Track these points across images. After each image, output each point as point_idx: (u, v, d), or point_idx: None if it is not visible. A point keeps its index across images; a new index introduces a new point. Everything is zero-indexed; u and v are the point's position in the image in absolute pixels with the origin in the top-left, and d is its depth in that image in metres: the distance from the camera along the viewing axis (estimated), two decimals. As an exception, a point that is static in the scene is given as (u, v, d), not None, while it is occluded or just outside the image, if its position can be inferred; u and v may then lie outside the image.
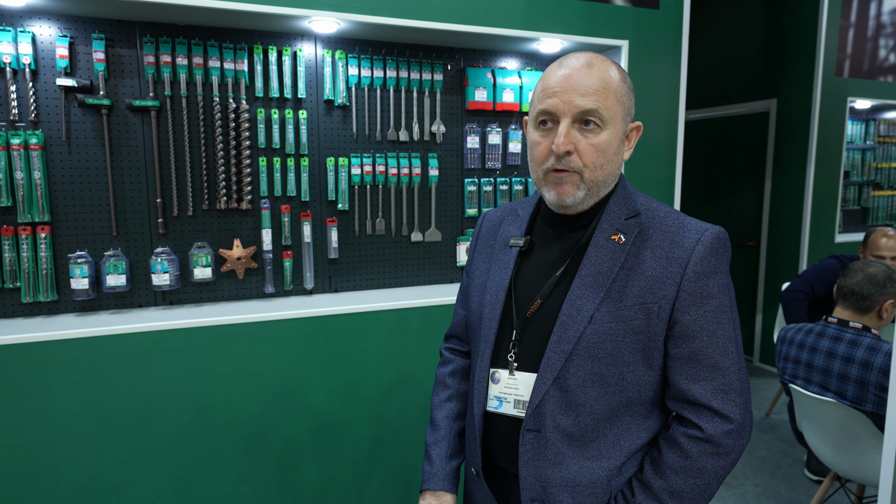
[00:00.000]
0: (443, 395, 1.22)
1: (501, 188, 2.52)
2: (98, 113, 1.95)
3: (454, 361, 1.25)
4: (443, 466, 1.15)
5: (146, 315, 1.98)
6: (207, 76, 2.05)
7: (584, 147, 0.95)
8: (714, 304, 0.93)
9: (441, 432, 1.18)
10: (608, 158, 0.97)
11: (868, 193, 4.50)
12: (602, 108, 0.94)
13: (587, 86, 0.93)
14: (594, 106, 0.93)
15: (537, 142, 0.99)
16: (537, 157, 0.99)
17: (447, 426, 1.18)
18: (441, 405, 1.21)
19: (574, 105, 0.93)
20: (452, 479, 1.16)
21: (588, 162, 0.95)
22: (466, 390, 1.22)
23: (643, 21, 2.45)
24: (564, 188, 0.97)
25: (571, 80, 0.94)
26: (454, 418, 1.19)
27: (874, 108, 4.37)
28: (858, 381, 1.94)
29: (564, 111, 0.94)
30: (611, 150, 0.96)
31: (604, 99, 0.94)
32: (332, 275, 2.33)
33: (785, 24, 4.10)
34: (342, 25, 2.05)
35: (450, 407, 1.20)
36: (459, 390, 1.22)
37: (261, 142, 2.14)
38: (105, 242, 2.01)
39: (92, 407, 1.83)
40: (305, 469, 2.12)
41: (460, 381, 1.22)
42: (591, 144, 0.95)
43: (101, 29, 1.93)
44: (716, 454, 0.93)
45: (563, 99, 0.94)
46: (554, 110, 0.95)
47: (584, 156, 0.95)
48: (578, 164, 0.95)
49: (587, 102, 0.93)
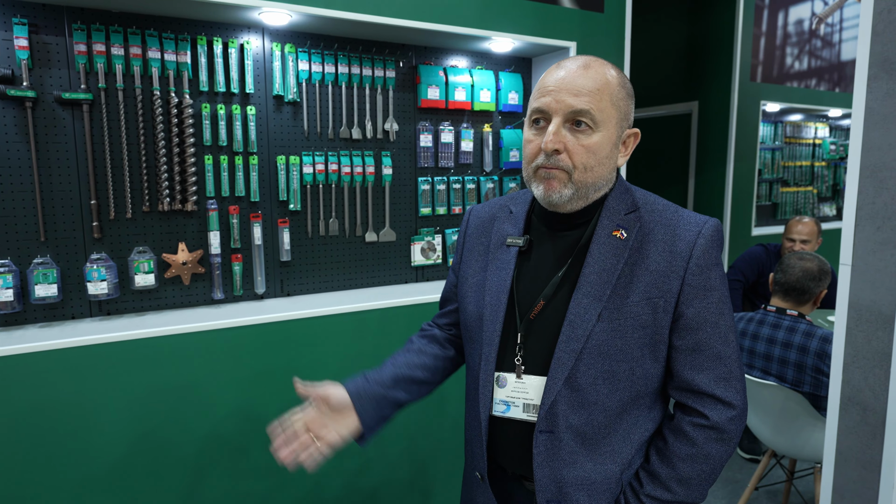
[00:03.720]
0: (403, 348, 1.22)
1: (454, 187, 2.51)
2: (21, 106, 1.76)
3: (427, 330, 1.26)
4: (371, 388, 1.10)
5: (81, 327, 1.81)
6: (146, 68, 1.90)
7: (574, 147, 0.94)
8: (716, 296, 0.97)
9: (386, 366, 1.16)
10: (599, 161, 0.96)
11: (777, 190, 4.87)
12: (594, 110, 0.93)
13: (581, 86, 0.94)
14: (586, 107, 0.93)
15: (529, 140, 0.99)
16: (528, 155, 0.99)
17: (391, 362, 1.17)
18: (395, 354, 1.20)
19: (566, 104, 0.93)
20: (370, 400, 1.09)
21: (577, 162, 0.95)
22: (427, 351, 1.20)
23: (589, 23, 2.51)
24: (551, 184, 0.96)
25: (566, 81, 0.94)
26: (400, 365, 1.16)
27: (782, 111, 4.73)
28: (797, 364, 2.08)
29: (556, 110, 0.94)
30: (602, 152, 0.96)
31: (597, 101, 0.94)
32: (284, 278, 2.23)
33: (705, 31, 4.35)
34: (294, 18, 1.96)
35: (403, 355, 1.19)
36: (419, 348, 1.21)
37: (206, 139, 2.01)
38: (32, 249, 1.82)
39: (20, 431, 1.65)
40: (261, 486, 2.01)
41: (428, 344, 1.22)
42: (582, 145, 0.94)
43: (24, 13, 1.75)
44: (720, 440, 0.96)
45: (555, 98, 0.94)
46: (546, 109, 0.95)
47: (574, 156, 0.95)
48: (567, 164, 0.95)
49: (579, 102, 0.93)
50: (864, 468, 1.49)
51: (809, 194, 5.07)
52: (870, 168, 1.41)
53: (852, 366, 1.49)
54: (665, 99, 4.73)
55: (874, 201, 1.41)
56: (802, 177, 5.02)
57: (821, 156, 5.13)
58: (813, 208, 5.14)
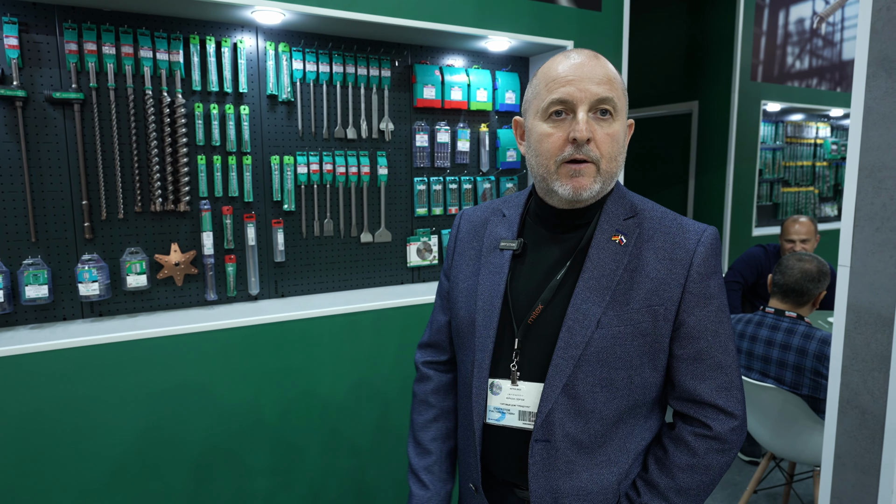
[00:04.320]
0: (427, 414, 1.15)
1: (451, 187, 2.49)
2: (11, 105, 1.74)
3: (434, 379, 1.18)
4: (438, 491, 1.10)
5: (73, 329, 1.80)
6: (138, 67, 1.89)
7: (601, 136, 0.91)
8: (716, 304, 0.94)
9: (433, 456, 1.12)
10: (620, 150, 0.94)
11: (778, 190, 4.84)
12: (615, 98, 0.92)
13: (600, 75, 0.91)
14: (610, 94, 0.91)
15: (548, 133, 0.93)
16: (549, 149, 0.93)
17: (438, 449, 1.13)
18: (427, 426, 1.15)
19: (591, 93, 0.90)
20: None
21: (605, 152, 0.92)
22: (451, 408, 1.16)
23: (587, 22, 2.49)
24: (581, 181, 0.92)
25: (584, 69, 0.91)
26: (443, 439, 1.14)
27: (783, 111, 4.70)
28: (795, 366, 2.06)
29: (581, 99, 0.90)
30: (622, 140, 0.95)
31: (614, 89, 0.92)
32: (278, 279, 2.21)
33: (705, 31, 4.32)
34: (288, 17, 1.94)
35: (437, 427, 1.14)
36: (444, 409, 1.16)
37: (199, 139, 2.00)
38: (22, 250, 1.80)
39: (12, 434, 1.63)
40: (258, 486, 1.99)
41: (444, 399, 1.16)
42: (607, 134, 0.92)
43: (14, 12, 1.73)
44: (721, 450, 0.94)
45: (578, 87, 0.90)
46: (570, 98, 0.90)
47: (602, 145, 0.91)
48: (596, 154, 0.91)
49: (603, 90, 0.90)
50: (863, 472, 1.46)
51: (811, 194, 5.04)
52: (868, 168, 1.39)
53: (851, 368, 1.47)
54: (665, 98, 4.70)
55: (873, 202, 1.38)
56: (804, 177, 4.99)
57: (822, 156, 5.10)
58: (814, 208, 5.11)
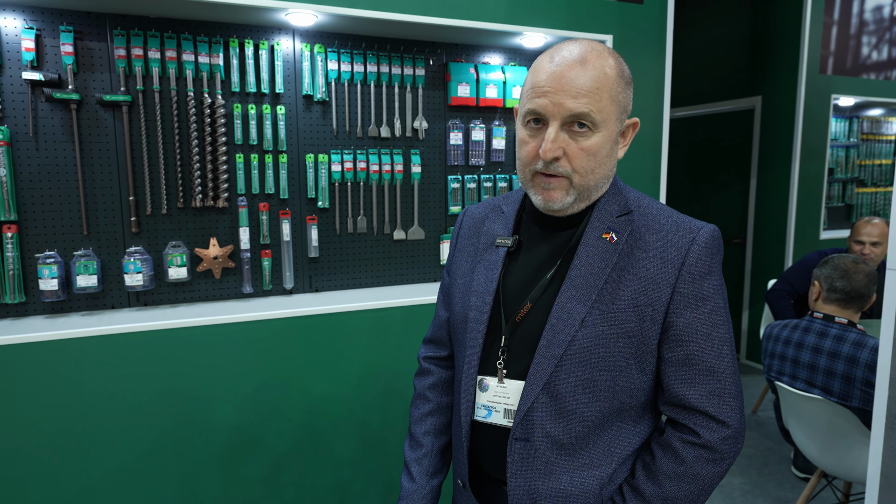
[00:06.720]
0: (423, 408, 1.16)
1: (485, 185, 2.48)
2: (67, 108, 1.88)
3: (434, 373, 1.18)
4: (423, 485, 1.11)
5: (119, 316, 1.92)
6: (181, 70, 1.99)
7: (574, 151, 0.88)
8: (709, 306, 0.90)
9: (423, 449, 1.13)
10: (599, 162, 0.90)
11: (852, 190, 4.52)
12: (594, 111, 0.87)
13: (579, 86, 0.86)
14: (585, 109, 0.86)
15: (525, 141, 0.92)
16: (524, 157, 0.93)
17: (429, 442, 1.13)
18: (422, 420, 1.15)
19: (564, 108, 0.86)
20: (431, 499, 1.11)
21: (577, 167, 0.89)
22: (448, 404, 1.16)
23: (627, 16, 2.42)
24: (552, 194, 0.91)
25: (563, 80, 0.86)
26: (436, 434, 1.14)
27: (857, 106, 4.39)
28: (844, 376, 1.92)
29: (554, 114, 0.87)
30: (602, 152, 0.90)
31: (597, 100, 0.87)
32: (312, 274, 2.28)
33: (769, 22, 4.10)
34: (320, 18, 2.00)
35: (431, 422, 1.15)
36: (441, 404, 1.16)
37: (237, 138, 2.09)
38: (75, 242, 1.95)
39: (63, 412, 1.76)
40: (287, 473, 2.06)
41: (441, 394, 1.17)
42: (582, 148, 0.88)
43: (70, 21, 1.87)
44: (711, 460, 0.89)
45: (552, 100, 0.87)
46: (543, 111, 0.88)
47: (574, 160, 0.89)
48: (567, 169, 0.89)
49: (578, 105, 0.86)
50: (909, 494, 1.35)
51: (890, 195, 4.67)
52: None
53: (896, 380, 1.36)
54: (726, 94, 4.49)
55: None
56: (882, 176, 4.63)
57: (903, 153, 4.72)
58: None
